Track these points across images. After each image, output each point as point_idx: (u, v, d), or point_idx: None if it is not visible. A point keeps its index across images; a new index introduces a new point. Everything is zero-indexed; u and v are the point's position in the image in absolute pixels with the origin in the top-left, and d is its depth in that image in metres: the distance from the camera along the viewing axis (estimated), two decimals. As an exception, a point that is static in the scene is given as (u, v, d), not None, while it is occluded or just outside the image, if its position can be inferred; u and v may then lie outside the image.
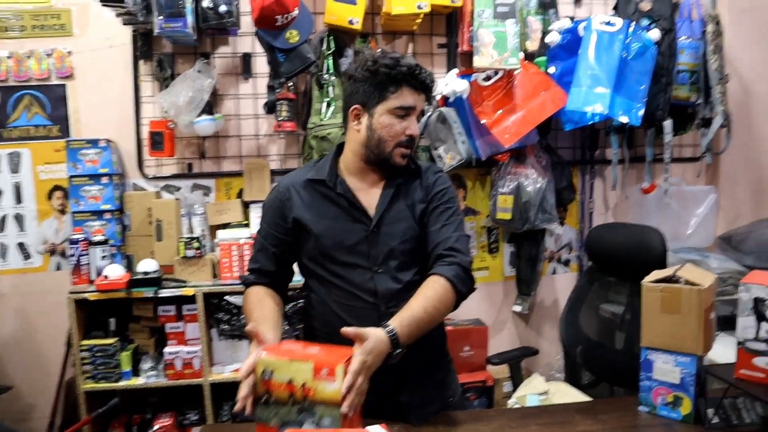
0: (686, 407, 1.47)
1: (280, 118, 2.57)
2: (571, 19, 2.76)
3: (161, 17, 2.30)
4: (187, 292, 2.38)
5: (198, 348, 2.42)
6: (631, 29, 2.51)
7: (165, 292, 2.38)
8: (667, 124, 2.63)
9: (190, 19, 2.33)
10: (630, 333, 2.68)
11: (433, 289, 1.40)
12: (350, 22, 2.50)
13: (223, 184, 2.74)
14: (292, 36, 2.38)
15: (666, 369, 1.53)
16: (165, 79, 2.57)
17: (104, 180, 2.53)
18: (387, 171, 1.52)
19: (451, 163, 2.64)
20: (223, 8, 2.37)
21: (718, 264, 2.70)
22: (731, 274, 2.66)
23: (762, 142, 3.02)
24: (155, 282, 2.37)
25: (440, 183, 1.56)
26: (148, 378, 2.43)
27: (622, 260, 2.36)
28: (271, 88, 2.49)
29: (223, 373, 2.47)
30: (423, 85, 1.46)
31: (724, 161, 3.03)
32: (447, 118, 2.62)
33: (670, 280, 1.55)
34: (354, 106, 1.49)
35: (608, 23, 2.53)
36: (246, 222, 2.67)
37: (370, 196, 1.50)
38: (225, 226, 2.64)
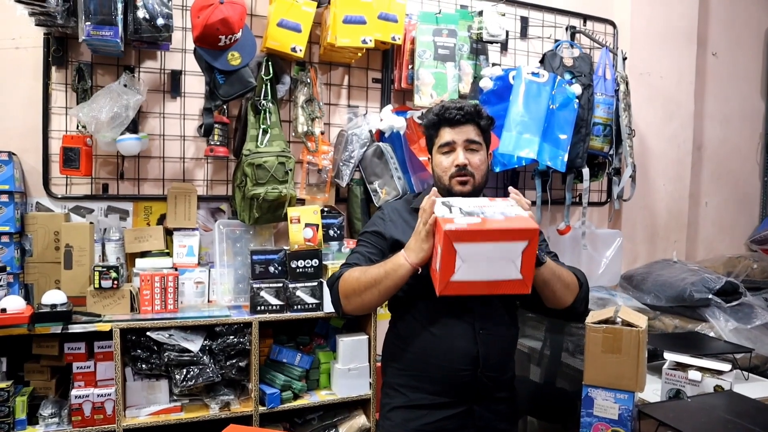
0: (624, 442, 1.56)
1: (212, 142, 2.43)
2: (499, 66, 2.91)
3: (89, 23, 2.08)
4: (103, 327, 2.13)
5: (111, 390, 2.16)
6: (557, 82, 2.69)
7: (76, 328, 2.11)
8: (586, 171, 2.83)
9: (121, 28, 2.14)
10: (548, 367, 2.82)
11: (569, 272, 1.63)
12: (293, 50, 2.44)
13: (143, 208, 2.51)
14: (234, 58, 2.27)
15: (606, 405, 1.61)
16: (84, 90, 2.32)
17: (4, 198, 2.21)
18: None
19: (386, 197, 2.64)
20: (160, 21, 2.20)
21: (622, 302, 2.92)
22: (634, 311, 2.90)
23: (655, 191, 3.36)
24: (64, 316, 2.09)
25: None
26: (48, 426, 2.12)
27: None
28: (207, 111, 2.33)
29: (139, 417, 2.23)
30: (454, 121, 1.61)
31: (626, 207, 3.32)
32: (384, 153, 2.62)
33: (608, 321, 1.65)
34: (429, 157, 1.73)
35: (536, 74, 2.70)
36: (168, 251, 2.46)
37: None
38: (144, 254, 2.42)
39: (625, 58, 2.96)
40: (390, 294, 1.54)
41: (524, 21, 3.12)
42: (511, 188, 1.53)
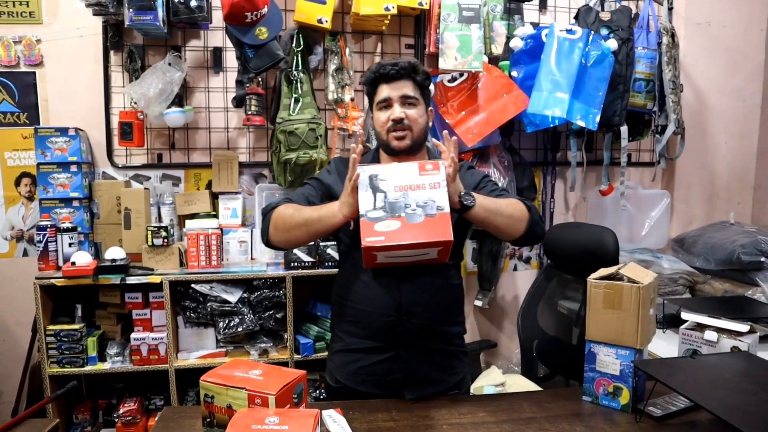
0: (625, 397, 1.56)
1: (249, 112, 2.62)
2: (535, 25, 2.86)
3: (131, 9, 2.33)
4: (154, 279, 2.42)
5: (164, 335, 2.47)
6: (590, 38, 2.61)
7: (132, 280, 2.41)
8: (624, 129, 2.73)
9: (160, 12, 2.36)
10: (581, 329, 2.79)
11: (510, 203, 1.62)
12: (319, 21, 2.56)
13: (193, 175, 2.78)
14: (262, 33, 2.43)
15: (607, 361, 1.61)
16: (135, 70, 2.60)
17: (73, 168, 2.55)
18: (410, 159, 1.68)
19: (416, 160, 2.71)
20: (193, 3, 2.41)
21: (669, 265, 2.82)
22: (681, 274, 2.78)
23: (714, 150, 3.17)
24: (122, 269, 2.41)
25: (479, 174, 1.78)
26: (113, 363, 2.47)
27: (579, 258, 2.44)
28: (239, 83, 2.54)
29: (189, 359, 2.52)
30: (390, 76, 1.64)
31: (679, 167, 3.16)
32: (413, 117, 2.69)
33: (613, 277, 1.64)
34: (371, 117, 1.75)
35: (569, 31, 2.63)
36: (214, 213, 2.71)
37: None
38: (193, 216, 2.69)
39: (671, 8, 2.79)
40: (317, 237, 1.63)
41: (566, -24, 3.02)
42: (445, 134, 1.52)
